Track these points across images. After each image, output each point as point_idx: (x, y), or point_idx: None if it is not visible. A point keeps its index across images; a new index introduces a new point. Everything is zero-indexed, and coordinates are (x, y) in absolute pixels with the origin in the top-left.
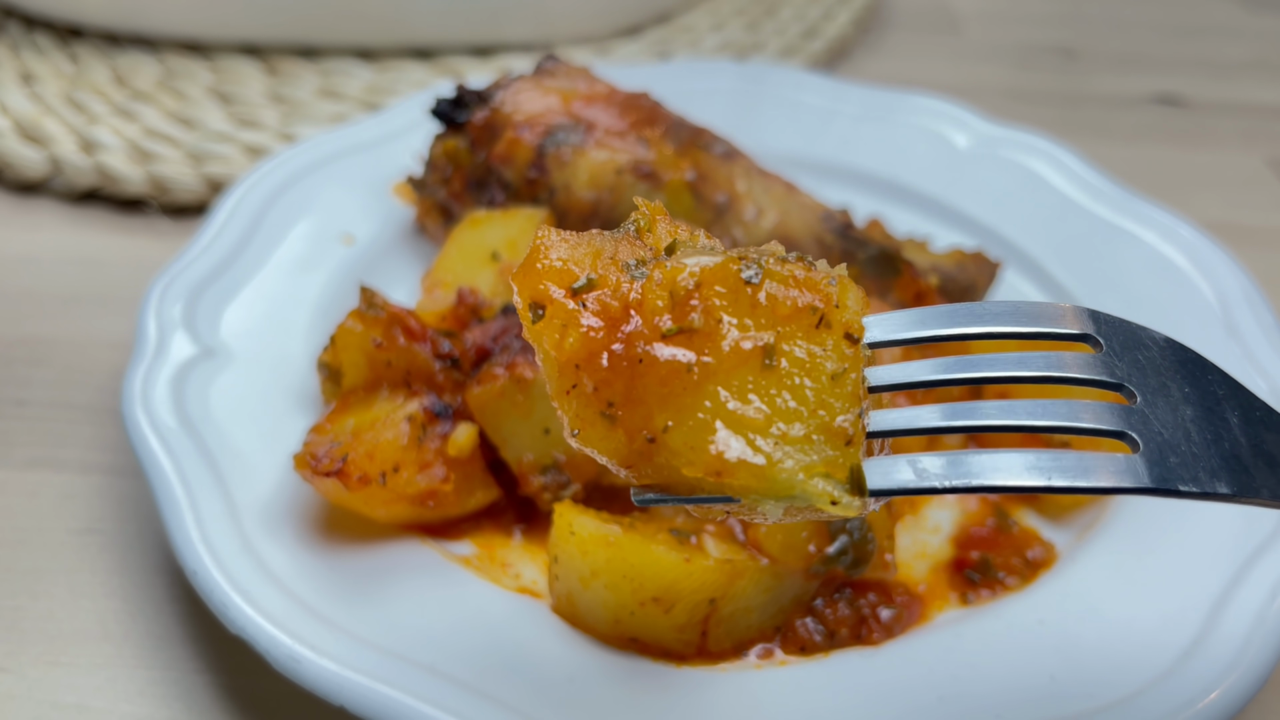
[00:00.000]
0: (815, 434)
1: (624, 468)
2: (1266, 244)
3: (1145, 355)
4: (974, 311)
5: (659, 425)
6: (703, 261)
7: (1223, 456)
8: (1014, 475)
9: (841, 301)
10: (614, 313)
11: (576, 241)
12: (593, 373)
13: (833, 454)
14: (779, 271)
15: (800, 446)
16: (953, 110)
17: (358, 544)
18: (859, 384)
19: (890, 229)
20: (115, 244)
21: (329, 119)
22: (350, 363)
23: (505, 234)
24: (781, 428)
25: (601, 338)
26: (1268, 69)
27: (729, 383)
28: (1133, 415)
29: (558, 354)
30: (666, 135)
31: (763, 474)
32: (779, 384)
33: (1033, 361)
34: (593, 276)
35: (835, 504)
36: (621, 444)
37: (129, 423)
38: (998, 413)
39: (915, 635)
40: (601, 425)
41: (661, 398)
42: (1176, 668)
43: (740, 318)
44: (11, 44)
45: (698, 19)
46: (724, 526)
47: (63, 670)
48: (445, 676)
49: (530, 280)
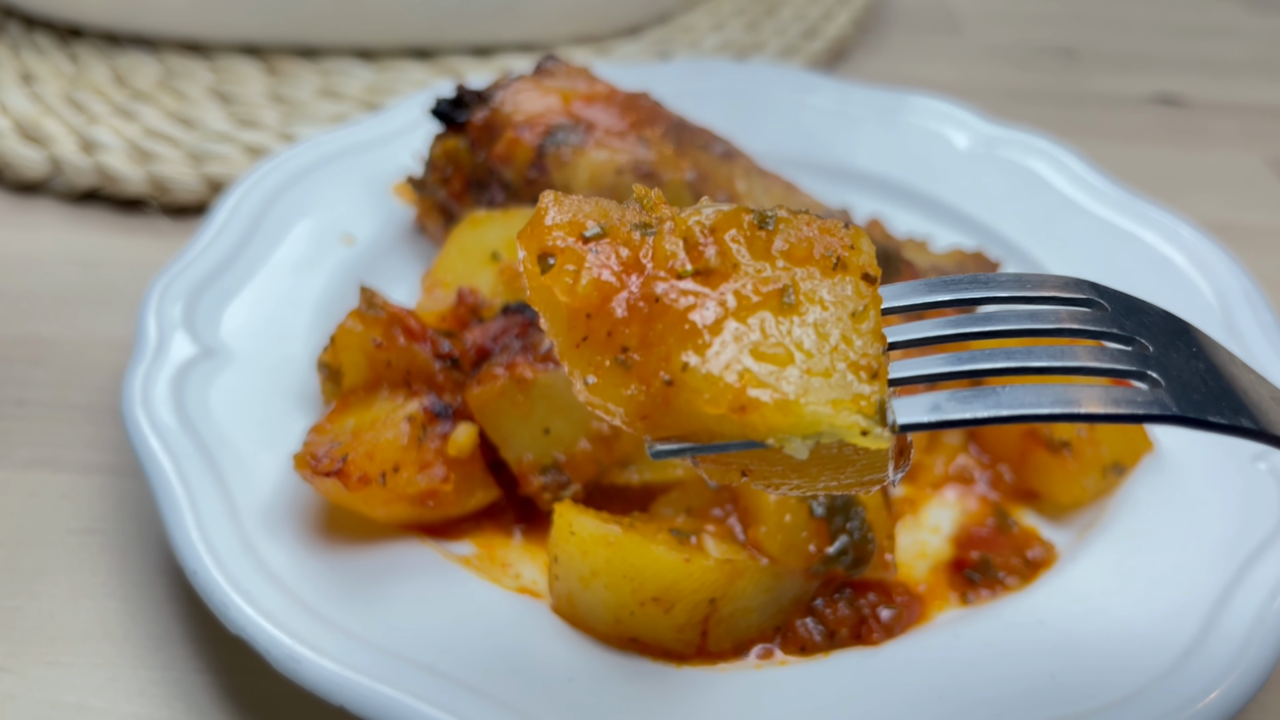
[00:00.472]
0: (840, 368)
1: (639, 419)
2: (1266, 244)
3: (1148, 319)
4: (980, 280)
5: (677, 365)
6: (718, 207)
7: (1241, 398)
8: (1043, 405)
9: (857, 245)
10: (626, 259)
11: (584, 200)
12: (606, 319)
13: (859, 387)
14: (792, 219)
15: (826, 380)
16: (953, 110)
17: (358, 544)
18: (879, 322)
19: (890, 229)
20: (115, 244)
21: (329, 119)
22: (350, 363)
23: (505, 234)
24: (805, 362)
25: (615, 281)
26: (1268, 69)
27: (749, 321)
28: (1149, 359)
29: (570, 300)
30: (666, 135)
31: (789, 407)
32: (800, 322)
33: (1045, 315)
34: (604, 225)
35: (866, 434)
36: (637, 391)
37: (129, 423)
38: (1017, 356)
39: (915, 635)
40: (616, 373)
41: (680, 337)
42: (1176, 668)
43: (757, 260)
44: (11, 44)
45: (698, 19)
46: (724, 526)
47: (63, 670)
48: (445, 676)
49: (538, 234)
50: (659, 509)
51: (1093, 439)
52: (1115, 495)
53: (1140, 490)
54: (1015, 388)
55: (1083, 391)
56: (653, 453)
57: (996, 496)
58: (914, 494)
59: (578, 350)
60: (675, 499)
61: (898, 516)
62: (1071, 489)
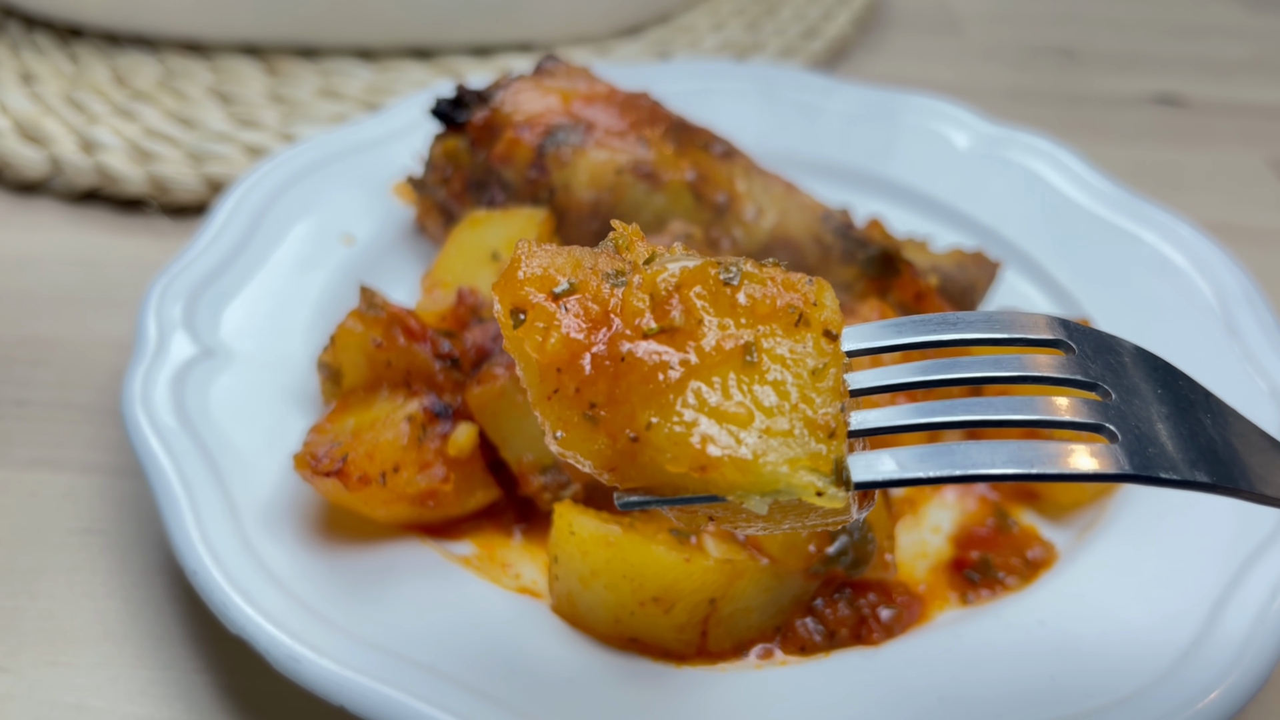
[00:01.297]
0: (798, 428)
1: (607, 471)
2: (1266, 244)
3: (1116, 360)
4: (947, 320)
5: (642, 423)
6: (682, 264)
7: (1199, 450)
8: (997, 465)
9: (819, 300)
10: (595, 315)
11: (556, 252)
12: (574, 375)
13: (816, 446)
14: (756, 273)
15: (784, 440)
16: (953, 110)
17: (358, 544)
18: (839, 379)
19: (890, 229)
20: (115, 244)
21: (329, 119)
22: (350, 363)
23: (505, 234)
24: (764, 422)
25: (583, 339)
26: (1268, 69)
27: (711, 379)
28: (1109, 410)
29: (539, 357)
30: (666, 135)
31: (747, 467)
32: (761, 380)
33: (1008, 363)
34: (574, 281)
35: (820, 495)
36: (604, 446)
37: (129, 423)
38: (976, 409)
39: (915, 635)
40: (584, 428)
41: (644, 396)
42: (1176, 668)
43: (721, 317)
44: (11, 44)
45: (698, 19)
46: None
47: (63, 670)
48: (445, 676)
49: (511, 288)
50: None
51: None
52: (1115, 495)
53: (1140, 490)
54: (972, 445)
55: (1037, 450)
56: (621, 504)
57: (996, 496)
58: (914, 494)
59: (549, 403)
60: None
61: (898, 516)
62: (1071, 489)
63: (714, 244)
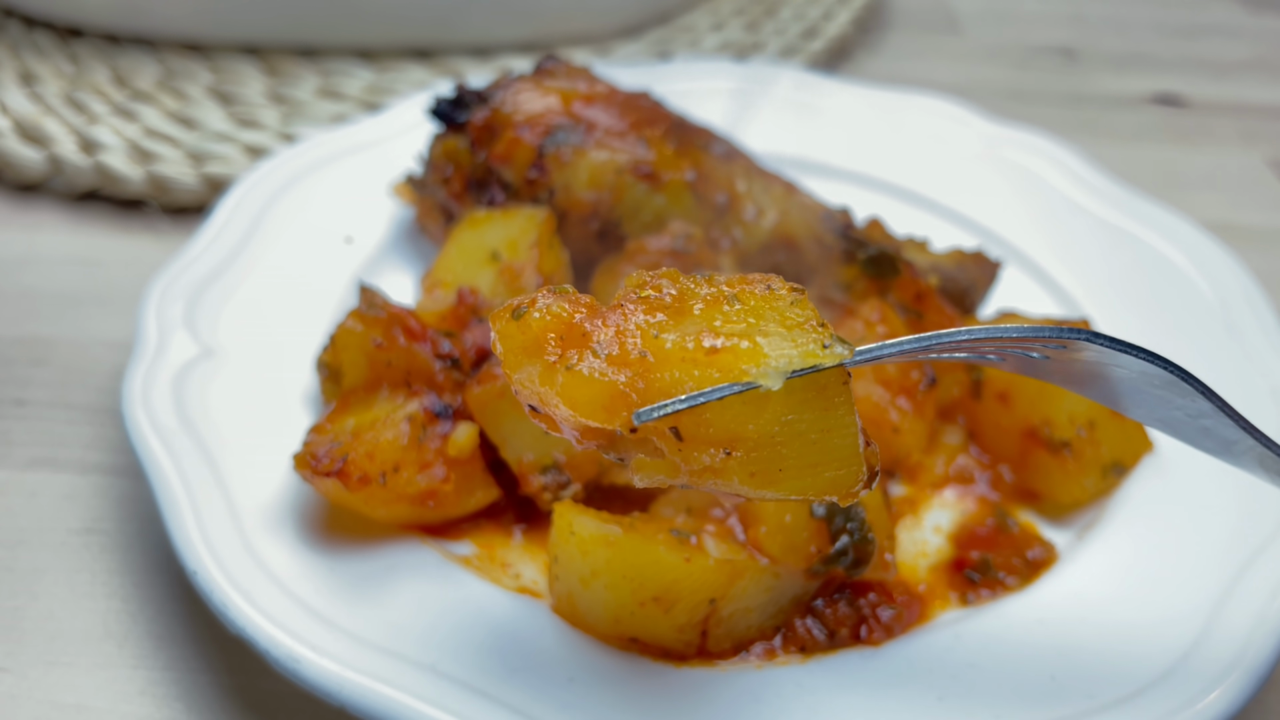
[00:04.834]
0: (792, 328)
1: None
2: (1266, 244)
3: None
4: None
5: (656, 344)
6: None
7: None
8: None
9: (781, 283)
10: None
11: None
12: (573, 334)
13: (811, 330)
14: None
15: (783, 331)
16: (953, 110)
17: (358, 544)
18: (813, 308)
19: (890, 229)
20: (115, 244)
21: (329, 119)
22: (350, 363)
23: (505, 234)
24: (762, 326)
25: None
26: (1268, 69)
27: (708, 315)
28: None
29: (524, 336)
30: (666, 135)
31: (756, 349)
32: (750, 310)
33: (1002, 330)
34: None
35: (827, 348)
36: (607, 387)
37: (129, 423)
38: (963, 333)
39: (915, 635)
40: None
41: (650, 328)
42: (1176, 668)
43: (700, 288)
44: (11, 44)
45: (698, 19)
46: (724, 527)
47: (63, 670)
48: (445, 676)
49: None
50: (659, 509)
51: (1093, 439)
52: (1115, 495)
53: (1140, 490)
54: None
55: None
56: (638, 418)
57: (996, 496)
58: (914, 494)
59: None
60: (675, 499)
61: (898, 516)
62: (1071, 489)
63: (714, 244)
